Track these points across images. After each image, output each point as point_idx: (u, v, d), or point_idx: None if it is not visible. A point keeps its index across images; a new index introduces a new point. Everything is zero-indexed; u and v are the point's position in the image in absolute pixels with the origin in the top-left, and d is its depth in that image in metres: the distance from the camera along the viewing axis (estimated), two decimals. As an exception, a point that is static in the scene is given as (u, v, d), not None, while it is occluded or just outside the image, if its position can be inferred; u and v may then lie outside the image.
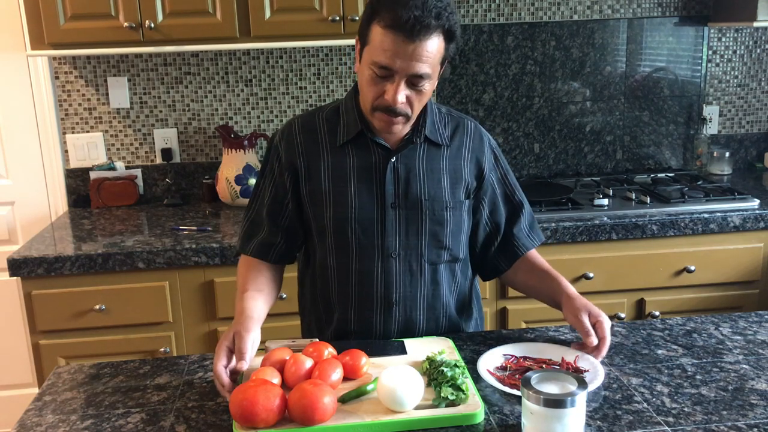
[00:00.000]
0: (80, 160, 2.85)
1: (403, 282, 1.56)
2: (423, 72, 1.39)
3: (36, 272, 2.23)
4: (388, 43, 1.36)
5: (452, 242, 1.58)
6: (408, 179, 1.53)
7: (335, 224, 1.54)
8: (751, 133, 3.15)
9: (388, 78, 1.40)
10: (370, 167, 1.53)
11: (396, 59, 1.37)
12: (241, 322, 1.40)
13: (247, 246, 1.62)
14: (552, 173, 3.05)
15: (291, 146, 1.57)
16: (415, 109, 1.46)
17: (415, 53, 1.36)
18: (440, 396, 1.25)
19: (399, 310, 1.57)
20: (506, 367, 1.41)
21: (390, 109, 1.42)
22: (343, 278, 1.57)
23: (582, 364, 1.40)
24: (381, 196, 1.53)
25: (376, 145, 1.53)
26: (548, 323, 1.77)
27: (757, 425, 1.20)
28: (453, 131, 1.59)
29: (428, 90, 1.45)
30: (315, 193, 1.55)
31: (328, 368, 1.31)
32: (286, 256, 1.63)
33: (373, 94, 1.43)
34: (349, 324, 1.59)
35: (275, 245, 1.60)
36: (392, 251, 1.54)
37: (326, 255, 1.58)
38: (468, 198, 1.60)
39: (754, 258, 2.51)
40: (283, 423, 1.20)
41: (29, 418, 1.30)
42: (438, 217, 1.55)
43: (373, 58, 1.40)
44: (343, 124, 1.55)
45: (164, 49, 2.47)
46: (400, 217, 1.54)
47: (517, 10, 2.91)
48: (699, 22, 2.99)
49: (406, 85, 1.41)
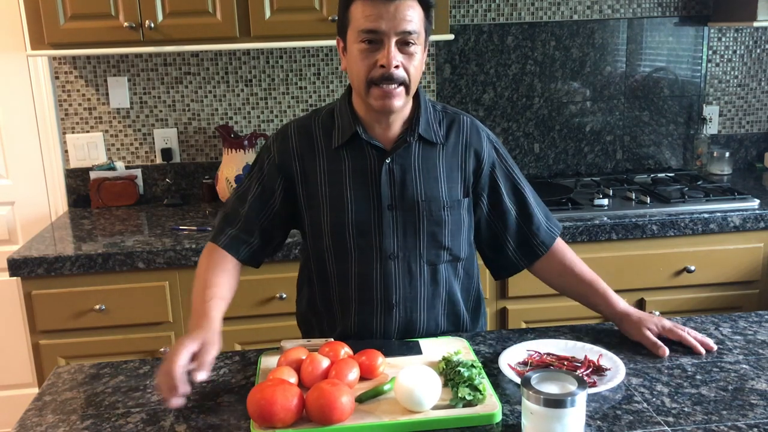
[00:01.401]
0: (80, 160, 2.86)
1: (403, 284, 1.55)
2: (410, 28, 1.41)
3: (36, 272, 2.24)
4: (370, 9, 1.41)
5: (451, 242, 1.57)
6: (404, 180, 1.53)
7: (332, 228, 1.54)
8: (751, 133, 3.15)
9: (378, 45, 1.42)
10: (365, 169, 1.53)
11: (380, 21, 1.40)
12: (209, 331, 1.35)
13: (219, 237, 1.57)
14: (552, 173, 3.05)
15: (286, 150, 1.56)
16: (412, 77, 1.45)
17: (398, 11, 1.41)
18: (457, 396, 1.25)
19: (399, 311, 1.56)
20: (528, 362, 1.42)
21: (386, 76, 1.42)
22: (343, 281, 1.57)
23: (605, 363, 1.40)
24: (377, 198, 1.52)
25: (371, 147, 1.52)
26: (548, 323, 1.77)
27: (757, 425, 1.20)
28: (448, 128, 1.58)
29: (419, 57, 1.45)
30: (312, 197, 1.55)
31: (344, 368, 1.30)
32: (255, 257, 1.59)
33: (366, 67, 1.43)
34: (349, 328, 1.58)
35: (248, 243, 1.57)
36: (390, 253, 1.54)
37: (325, 259, 1.57)
38: (467, 196, 1.58)
39: (754, 258, 2.51)
40: (300, 423, 1.20)
41: (29, 418, 1.30)
42: (436, 218, 1.54)
43: (358, 29, 1.42)
44: (338, 126, 1.54)
45: (164, 49, 2.47)
46: (397, 218, 1.53)
47: (517, 10, 2.91)
48: (699, 22, 2.99)
49: (397, 49, 1.42)
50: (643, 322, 1.50)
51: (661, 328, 1.49)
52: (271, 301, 2.35)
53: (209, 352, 1.29)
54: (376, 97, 1.45)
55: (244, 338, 2.36)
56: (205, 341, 1.31)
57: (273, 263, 2.31)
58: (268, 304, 2.35)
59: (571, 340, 1.50)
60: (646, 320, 1.50)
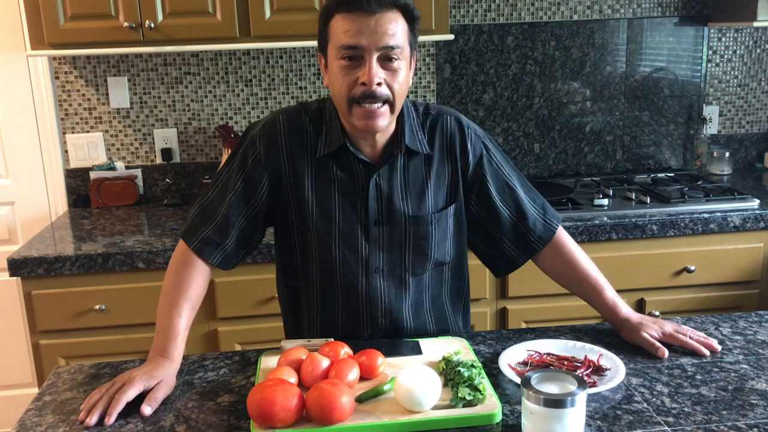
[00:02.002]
0: (80, 160, 2.86)
1: (388, 296, 1.53)
2: (393, 43, 1.35)
3: (36, 272, 2.23)
4: (349, 24, 1.35)
5: (437, 251, 1.54)
6: (391, 196, 1.49)
7: (319, 236, 1.50)
8: (751, 133, 3.15)
9: (359, 62, 1.36)
10: (353, 183, 1.49)
11: (360, 36, 1.34)
12: (168, 370, 1.36)
13: (192, 238, 1.49)
14: (552, 173, 3.05)
15: (274, 148, 1.49)
16: (396, 95, 1.39)
17: (379, 25, 1.34)
18: (457, 396, 1.25)
19: (385, 321, 1.55)
20: (528, 362, 1.42)
21: (368, 94, 1.36)
22: (328, 288, 1.54)
23: (605, 363, 1.40)
24: (364, 213, 1.49)
25: (358, 161, 1.48)
26: (548, 323, 1.77)
27: (757, 425, 1.20)
28: (432, 132, 1.53)
29: (404, 73, 1.40)
30: (300, 200, 1.50)
31: (344, 368, 1.30)
32: (229, 260, 1.53)
33: (347, 84, 1.37)
34: (336, 330, 1.56)
35: (222, 246, 1.50)
36: (376, 267, 1.52)
37: (309, 263, 1.54)
38: (455, 200, 1.55)
39: (754, 258, 2.51)
40: (300, 423, 1.20)
41: (29, 418, 1.30)
42: (422, 232, 1.51)
43: (338, 45, 1.36)
44: (326, 132, 1.49)
45: (164, 49, 2.47)
46: (383, 233, 1.50)
47: (517, 10, 2.91)
48: (699, 22, 2.99)
49: (379, 65, 1.36)
50: (644, 326, 1.49)
51: (662, 333, 1.47)
52: (271, 301, 2.35)
53: (163, 390, 1.32)
54: (359, 117, 1.39)
55: (244, 338, 2.36)
56: (164, 381, 1.33)
57: (273, 263, 2.30)
58: (268, 304, 2.35)
59: (571, 340, 1.50)
60: (646, 324, 1.50)
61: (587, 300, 1.60)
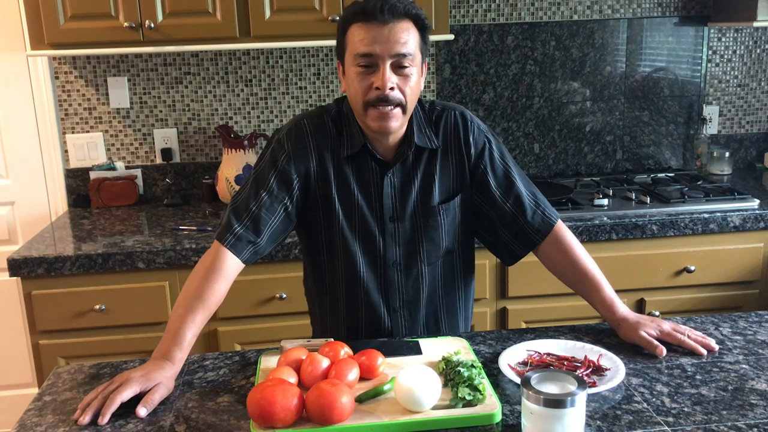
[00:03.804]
0: (80, 160, 2.85)
1: (405, 289, 1.61)
2: (404, 51, 1.44)
3: (36, 272, 2.23)
4: (364, 33, 1.44)
5: (446, 239, 1.62)
6: (403, 193, 1.58)
7: (343, 234, 1.57)
8: (751, 133, 3.15)
9: (373, 68, 1.45)
10: (369, 181, 1.58)
11: (375, 45, 1.43)
12: (168, 372, 1.35)
13: (226, 235, 1.52)
14: (552, 173, 3.05)
15: (303, 149, 1.56)
16: (408, 99, 1.48)
17: (392, 34, 1.43)
18: (457, 396, 1.25)
19: (404, 312, 1.63)
20: (527, 362, 1.42)
21: (381, 98, 1.45)
22: (351, 283, 1.61)
23: (605, 363, 1.40)
24: (380, 210, 1.57)
25: (374, 160, 1.56)
26: (548, 323, 1.77)
27: (757, 425, 1.20)
28: (437, 127, 1.60)
29: (415, 78, 1.48)
30: (328, 199, 1.57)
31: (344, 368, 1.31)
32: (255, 257, 1.56)
33: (363, 89, 1.46)
34: (359, 328, 1.64)
35: (254, 243, 1.53)
36: (393, 261, 1.59)
37: (335, 260, 1.61)
38: (460, 191, 1.61)
39: (754, 258, 2.51)
40: (300, 423, 1.20)
41: (29, 418, 1.30)
42: (433, 224, 1.60)
43: (354, 53, 1.46)
44: (347, 134, 1.56)
45: (164, 49, 2.47)
46: (398, 229, 1.59)
47: (517, 10, 2.91)
48: (699, 22, 2.99)
49: (392, 71, 1.45)
50: (641, 325, 1.50)
51: (660, 332, 1.48)
52: (271, 301, 2.35)
53: (160, 392, 1.32)
54: (373, 119, 1.48)
55: (244, 338, 2.36)
56: (161, 383, 1.33)
57: (273, 263, 2.31)
58: (268, 304, 2.35)
59: (571, 340, 1.50)
60: (644, 323, 1.51)
61: (585, 297, 1.62)
